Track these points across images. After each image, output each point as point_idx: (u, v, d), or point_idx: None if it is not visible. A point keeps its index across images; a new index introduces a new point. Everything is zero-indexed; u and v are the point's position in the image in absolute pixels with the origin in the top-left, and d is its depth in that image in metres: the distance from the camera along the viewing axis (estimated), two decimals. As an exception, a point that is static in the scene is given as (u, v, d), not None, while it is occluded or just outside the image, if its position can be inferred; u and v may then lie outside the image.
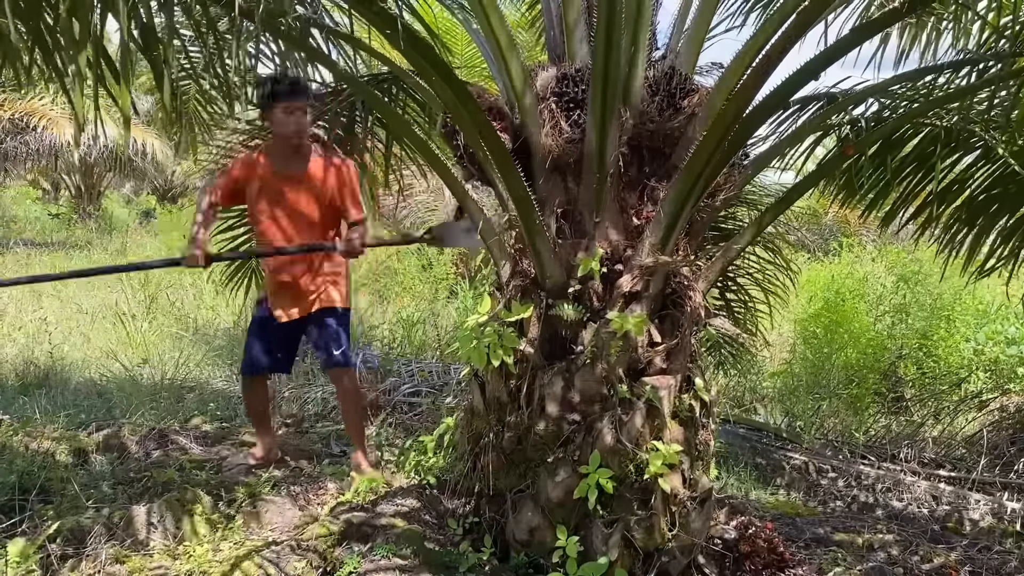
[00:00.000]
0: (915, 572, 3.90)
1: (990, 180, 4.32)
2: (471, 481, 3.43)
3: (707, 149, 2.94)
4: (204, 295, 9.20)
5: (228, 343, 7.73)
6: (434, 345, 8.14)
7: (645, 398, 3.14)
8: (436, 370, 7.04)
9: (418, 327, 8.42)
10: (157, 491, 3.69)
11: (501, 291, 3.47)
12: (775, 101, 3.04)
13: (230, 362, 7.14)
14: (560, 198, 3.33)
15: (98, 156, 17.34)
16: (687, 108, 3.24)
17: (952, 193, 4.43)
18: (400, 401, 6.22)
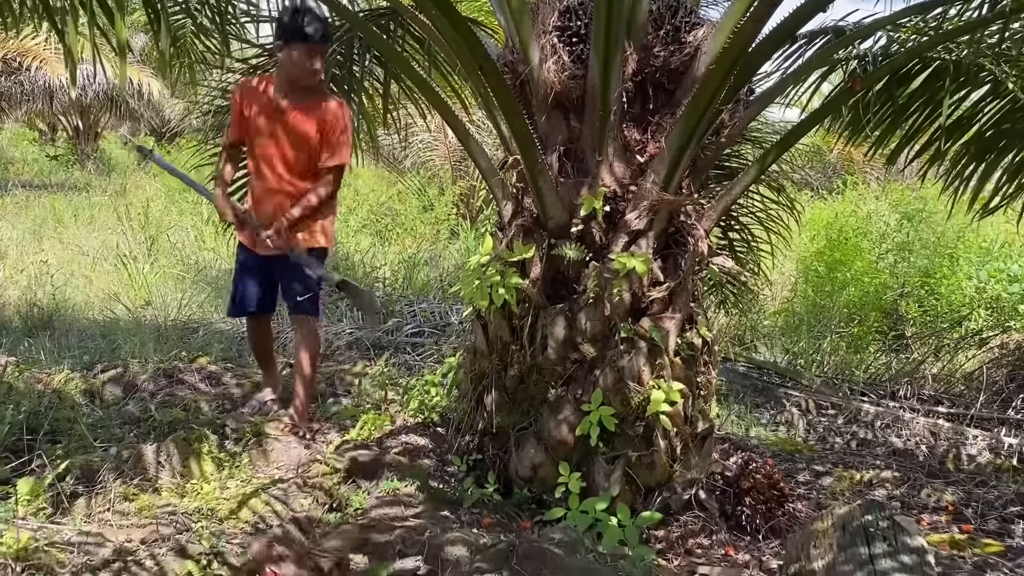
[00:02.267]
0: (913, 507, 3.96)
1: (998, 115, 4.26)
2: (474, 419, 3.46)
3: (712, 85, 2.89)
4: (205, 237, 9.18)
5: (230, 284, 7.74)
6: (436, 286, 8.14)
7: (647, 337, 3.15)
8: (438, 311, 7.06)
9: (420, 268, 8.42)
10: (164, 431, 3.72)
11: (503, 231, 3.45)
12: (782, 34, 2.98)
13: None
14: (562, 136, 3.29)
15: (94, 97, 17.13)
16: (692, 42, 3.17)
17: (959, 129, 4.38)
18: (403, 342, 6.25)
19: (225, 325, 6.58)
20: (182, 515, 2.85)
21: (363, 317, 4.04)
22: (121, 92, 16.48)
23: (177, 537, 2.62)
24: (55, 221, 10.31)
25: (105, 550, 2.52)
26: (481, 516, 3.10)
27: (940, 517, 3.83)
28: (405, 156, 12.73)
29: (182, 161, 13.07)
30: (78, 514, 2.87)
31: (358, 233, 10.40)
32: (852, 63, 3.91)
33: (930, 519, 3.79)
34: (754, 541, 3.26)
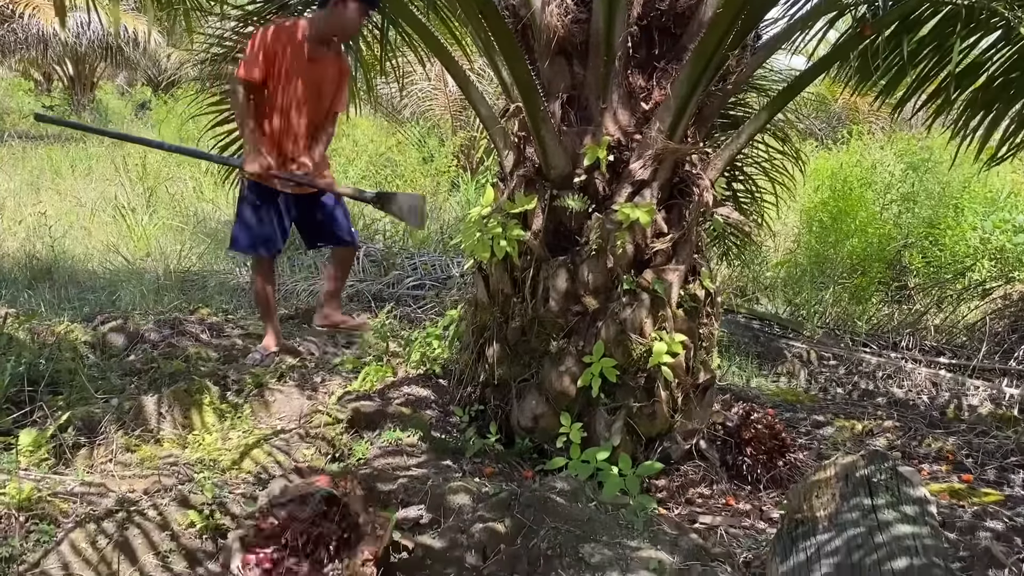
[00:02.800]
0: (914, 457, 3.97)
1: (1009, 63, 4.18)
2: (476, 371, 3.46)
3: (719, 30, 2.81)
4: (203, 188, 9.10)
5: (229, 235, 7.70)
6: (437, 239, 8.10)
7: (650, 289, 3.13)
8: (439, 263, 7.03)
9: (420, 219, 8.37)
10: (165, 382, 3.71)
11: (504, 182, 3.40)
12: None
13: (232, 254, 7.12)
14: (565, 83, 3.22)
15: (89, 46, 16.87)
16: (698, -15, 3.09)
17: (968, 77, 4.30)
18: (404, 294, 6.24)
19: (225, 276, 6.57)
20: (184, 466, 2.86)
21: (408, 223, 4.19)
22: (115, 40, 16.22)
23: (179, 487, 2.62)
24: (52, 172, 10.23)
25: (108, 500, 2.53)
26: (483, 466, 3.10)
27: (940, 467, 3.84)
28: (404, 106, 12.56)
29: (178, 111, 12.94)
30: (80, 465, 2.88)
31: (357, 185, 10.32)
32: (861, 8, 3.81)
33: (930, 469, 3.81)
34: (755, 491, 3.27)
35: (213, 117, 5.27)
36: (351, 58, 5.08)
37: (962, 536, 2.94)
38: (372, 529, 2.20)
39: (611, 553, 2.29)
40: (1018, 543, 3.00)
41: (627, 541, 2.37)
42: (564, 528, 2.39)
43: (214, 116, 5.26)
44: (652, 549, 2.33)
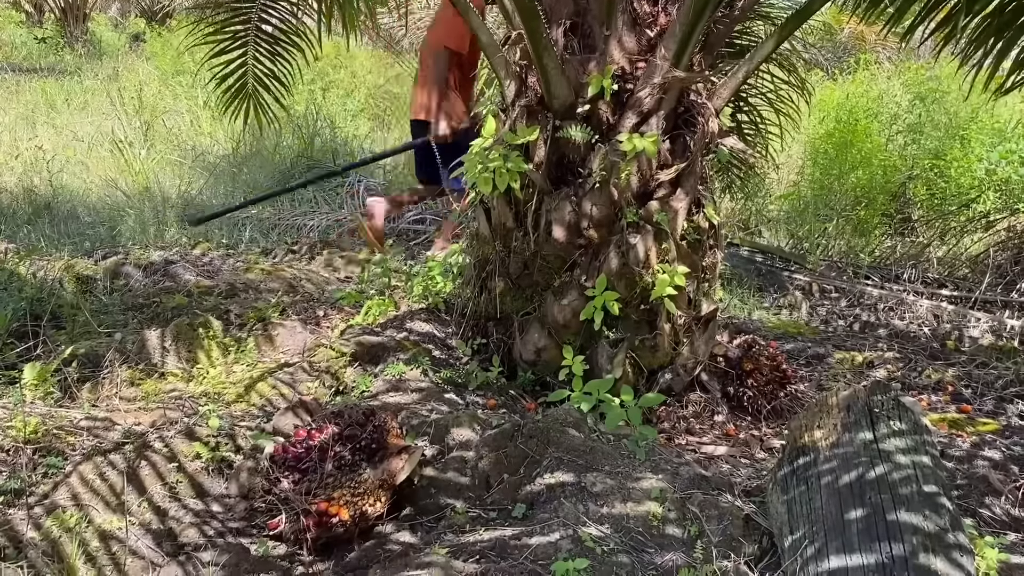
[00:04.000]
0: (913, 387, 4.00)
1: None
2: (478, 305, 3.45)
3: (727, -48, 2.73)
4: (201, 121, 8.99)
5: (228, 168, 7.63)
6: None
7: (654, 221, 3.10)
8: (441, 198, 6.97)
9: (421, 153, 8.28)
10: (167, 316, 3.72)
11: (506, 113, 3.34)
12: None
13: (232, 188, 7.07)
14: (568, 9, 3.14)
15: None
16: (706, -94, 2.98)
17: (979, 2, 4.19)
18: (405, 228, 6.20)
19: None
20: (189, 399, 2.89)
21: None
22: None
23: (185, 420, 2.65)
24: (47, 106, 10.08)
25: (114, 433, 2.56)
26: (486, 398, 3.12)
27: (940, 397, 3.87)
28: (403, 36, 12.31)
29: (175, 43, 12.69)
30: (86, 398, 2.90)
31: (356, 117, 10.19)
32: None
33: (930, 399, 3.84)
34: (756, 422, 3.30)
35: (211, 47, 5.16)
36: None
37: (960, 465, 2.98)
38: (400, 453, 2.24)
39: (613, 482, 2.32)
40: (1015, 471, 3.04)
41: (629, 470, 2.39)
42: (567, 458, 2.42)
43: (212, 46, 5.15)
44: (654, 478, 2.35)
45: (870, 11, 4.37)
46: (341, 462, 2.17)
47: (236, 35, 5.19)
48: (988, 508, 2.69)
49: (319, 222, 6.14)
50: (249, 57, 5.29)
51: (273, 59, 5.30)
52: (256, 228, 6.12)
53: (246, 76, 5.33)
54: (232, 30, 5.16)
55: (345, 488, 2.12)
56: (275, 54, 5.28)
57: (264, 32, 5.25)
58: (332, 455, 2.16)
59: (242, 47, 5.25)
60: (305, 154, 7.86)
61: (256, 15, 5.22)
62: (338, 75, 11.44)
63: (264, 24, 5.22)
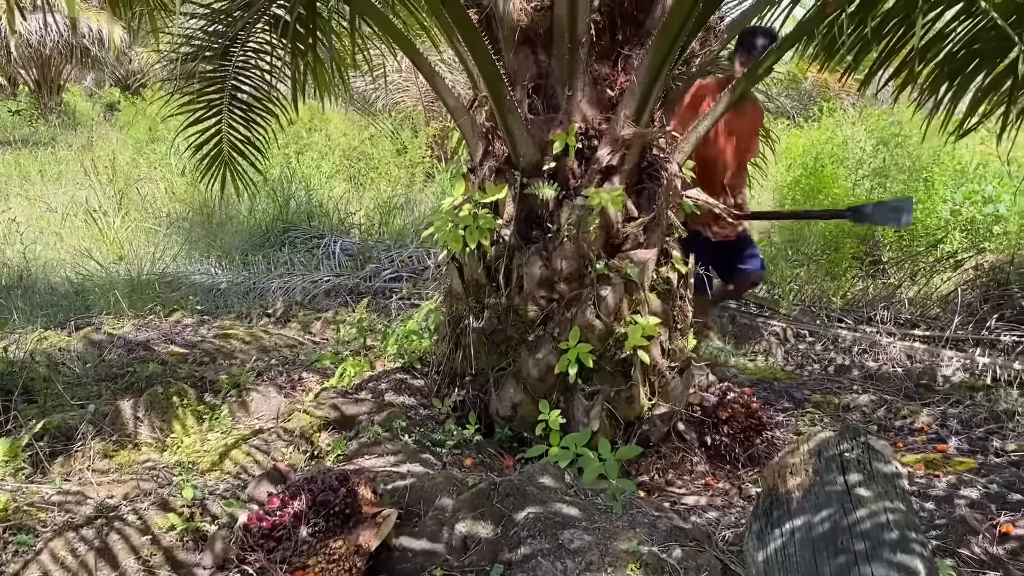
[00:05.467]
0: (890, 429, 4.03)
1: (970, 35, 4.22)
2: (454, 361, 3.46)
3: (680, 15, 2.81)
4: (175, 188, 9.02)
5: (203, 235, 7.65)
6: (412, 230, 8.08)
7: (623, 273, 3.14)
8: (416, 255, 7.01)
9: (395, 213, 8.35)
10: (141, 385, 3.70)
11: (474, 173, 3.40)
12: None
13: (207, 255, 7.08)
14: (531, 71, 3.22)
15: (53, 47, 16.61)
16: (660, -32, 3.09)
17: (932, 49, 4.35)
18: (381, 287, 6.22)
19: (201, 277, 6.52)
20: (163, 469, 2.85)
21: (893, 224, 4.96)
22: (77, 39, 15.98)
23: (159, 491, 2.62)
24: (21, 178, 10.10)
25: (87, 507, 2.52)
26: (463, 457, 3.11)
27: (916, 438, 3.90)
28: (377, 98, 12.50)
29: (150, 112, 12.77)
30: (57, 473, 2.86)
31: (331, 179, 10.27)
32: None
33: (906, 441, 3.86)
34: (733, 469, 3.31)
35: (186, 116, 5.21)
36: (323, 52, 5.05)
37: (938, 506, 3.00)
38: (373, 518, 2.22)
39: (591, 538, 2.31)
40: (992, 509, 3.05)
41: (606, 525, 2.39)
42: (544, 515, 2.41)
43: (187, 115, 5.21)
44: (631, 532, 2.35)
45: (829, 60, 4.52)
46: (315, 529, 2.16)
47: (210, 104, 5.25)
48: (968, 547, 2.70)
49: (295, 284, 6.14)
50: (224, 125, 5.35)
51: (248, 126, 5.36)
52: (232, 292, 6.11)
53: (221, 143, 5.38)
54: (206, 99, 5.23)
55: (320, 555, 2.10)
56: (249, 121, 5.35)
57: (238, 99, 5.32)
58: (306, 522, 2.15)
59: (216, 115, 5.31)
60: (280, 217, 7.90)
61: (230, 83, 5.30)
62: (313, 138, 11.56)
63: (238, 92, 5.29)
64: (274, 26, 5.00)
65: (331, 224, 7.97)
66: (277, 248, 7.25)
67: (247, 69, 5.27)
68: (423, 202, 9.67)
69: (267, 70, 5.18)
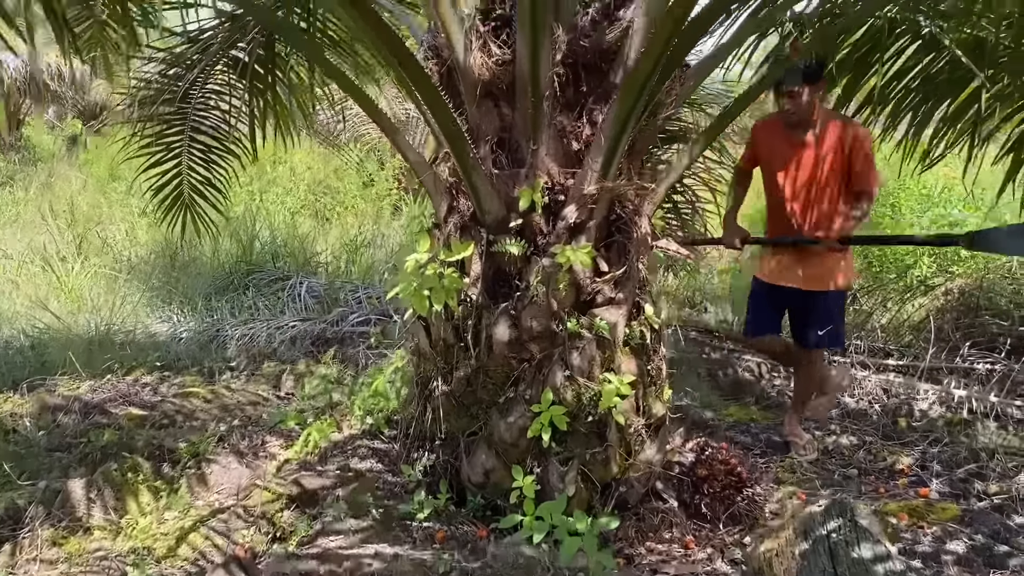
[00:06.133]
0: (871, 473, 3.96)
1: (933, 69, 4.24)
2: (423, 425, 3.33)
3: (645, 69, 2.74)
4: (136, 230, 8.82)
5: (165, 280, 7.45)
6: (381, 268, 7.94)
7: (595, 330, 3.04)
8: (383, 294, 6.87)
9: (362, 251, 8.21)
10: (96, 457, 3.53)
11: (439, 228, 3.29)
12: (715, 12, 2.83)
13: (168, 302, 6.89)
14: (494, 125, 3.13)
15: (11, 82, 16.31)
16: (623, 19, 3.02)
17: (895, 84, 4.36)
18: (348, 332, 6.07)
19: (161, 326, 6.34)
20: (115, 558, 2.69)
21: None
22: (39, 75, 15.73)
23: (110, 586, 2.46)
24: (-25, 222, 9.83)
25: (31, 610, 2.36)
26: (435, 530, 2.98)
27: (897, 481, 3.83)
28: (341, 130, 12.36)
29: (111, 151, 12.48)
30: (2, 565, 2.69)
31: (297, 214, 10.11)
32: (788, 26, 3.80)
33: (888, 485, 3.79)
34: (715, 529, 3.21)
35: (146, 159, 5.09)
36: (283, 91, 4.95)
37: (925, 563, 2.92)
38: None
39: (570, 627, 2.19)
40: (979, 563, 2.98)
41: (586, 611, 2.27)
42: (520, 602, 2.29)
43: (147, 158, 5.08)
44: (612, 618, 2.24)
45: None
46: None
47: (170, 146, 5.15)
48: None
49: (259, 331, 5.97)
50: (184, 167, 5.24)
51: (208, 166, 5.27)
52: (195, 341, 5.93)
53: (182, 185, 5.27)
54: (165, 141, 5.13)
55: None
56: (209, 161, 5.26)
57: (198, 141, 5.21)
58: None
59: (176, 157, 5.20)
60: (244, 258, 7.73)
61: (189, 125, 5.19)
62: (277, 172, 11.41)
63: (197, 133, 5.19)
64: (233, 67, 4.91)
65: (297, 264, 7.80)
66: (241, 291, 7.07)
67: (206, 110, 5.17)
68: (391, 236, 9.54)
69: (226, 110, 5.08)
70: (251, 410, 4.26)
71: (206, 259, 7.89)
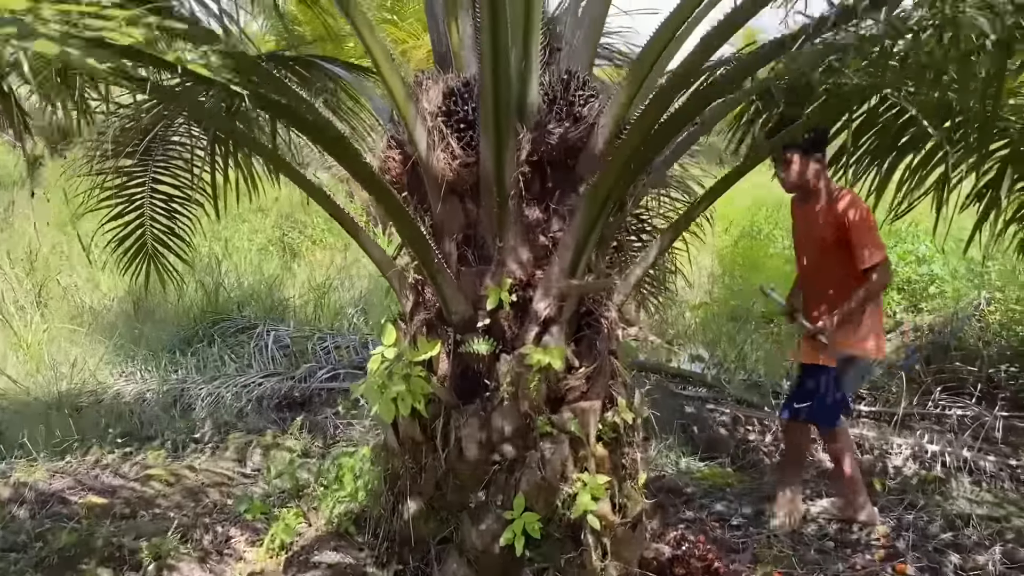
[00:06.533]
0: (847, 545, 3.93)
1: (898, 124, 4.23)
2: (392, 525, 3.24)
3: (613, 173, 2.69)
4: (98, 276, 8.62)
5: (128, 331, 7.29)
6: (352, 312, 7.82)
7: (567, 430, 2.98)
8: (354, 344, 6.76)
9: (331, 293, 8.09)
10: (53, 560, 3.40)
11: (405, 322, 3.21)
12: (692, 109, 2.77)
13: (131, 356, 6.73)
14: (460, 222, 3.05)
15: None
16: (588, 116, 2.95)
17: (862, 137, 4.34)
18: (317, 390, 5.96)
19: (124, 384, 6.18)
20: None
21: None
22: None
23: None
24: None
25: None
26: (407, 646, 2.89)
27: (874, 556, 3.80)
28: (309, 162, 12.21)
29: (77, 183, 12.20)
30: None
31: (263, 251, 9.97)
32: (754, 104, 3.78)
33: (865, 560, 3.77)
34: (694, 627, 3.15)
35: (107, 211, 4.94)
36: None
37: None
38: None
39: None
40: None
41: None
42: None
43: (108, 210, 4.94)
44: None
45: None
46: None
47: (131, 198, 5.03)
48: None
49: (225, 392, 5.83)
50: (146, 218, 5.12)
51: (170, 216, 5.14)
52: (159, 404, 5.78)
53: (144, 236, 5.15)
54: (127, 194, 5.00)
55: None
56: (172, 212, 5.13)
57: (159, 192, 5.10)
58: None
59: (138, 209, 5.08)
60: (210, 307, 7.58)
61: (150, 176, 5.07)
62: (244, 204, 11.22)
63: (159, 183, 5.07)
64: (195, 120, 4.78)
65: (264, 310, 7.66)
66: (207, 343, 6.93)
67: (168, 160, 5.05)
68: (360, 274, 9.43)
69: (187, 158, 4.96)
70: (216, 494, 4.14)
71: (171, 306, 7.73)
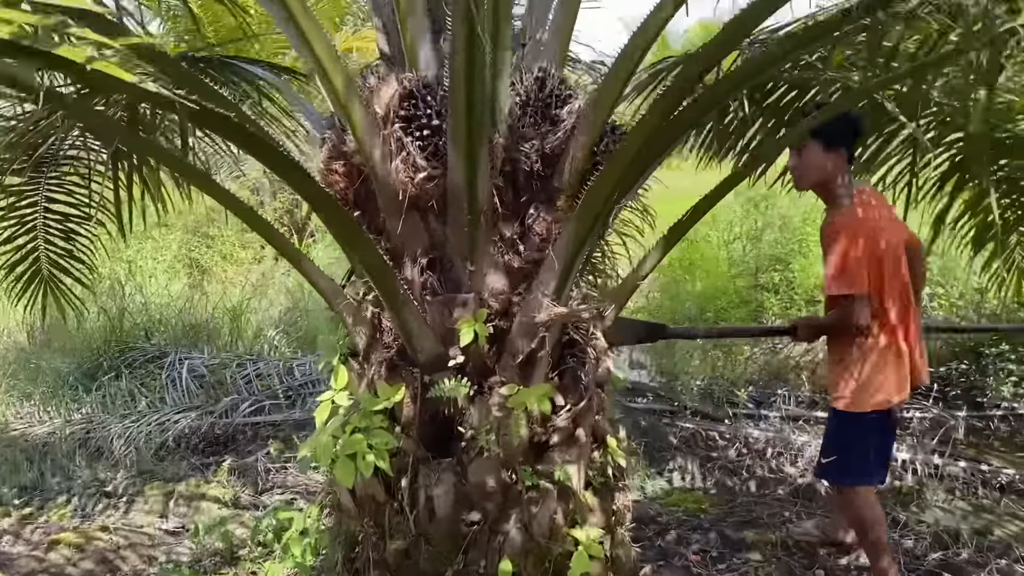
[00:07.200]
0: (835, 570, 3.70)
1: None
2: (351, 599, 2.79)
3: (608, 182, 2.32)
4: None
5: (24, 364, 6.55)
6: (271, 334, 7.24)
7: (554, 480, 2.59)
8: (277, 370, 6.20)
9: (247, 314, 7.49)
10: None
11: (359, 361, 2.76)
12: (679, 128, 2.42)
13: (27, 394, 6.03)
14: (423, 243, 2.62)
15: None
16: (565, 120, 2.57)
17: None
18: (241, 425, 5.40)
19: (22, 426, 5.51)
20: None
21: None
22: None
23: None
24: None
25: None
26: None
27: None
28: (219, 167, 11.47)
29: None
30: None
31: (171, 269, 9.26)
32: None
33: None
34: None
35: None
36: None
37: None
38: None
39: None
40: None
41: None
42: None
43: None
44: None
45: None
46: None
47: (23, 220, 4.42)
48: None
49: (138, 431, 5.21)
50: (40, 241, 4.53)
51: (68, 238, 4.56)
52: (62, 449, 5.13)
53: (39, 260, 4.55)
54: (18, 215, 4.39)
55: None
56: (70, 232, 4.55)
57: (54, 212, 4.51)
58: None
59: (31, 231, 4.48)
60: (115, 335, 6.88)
61: (43, 196, 4.49)
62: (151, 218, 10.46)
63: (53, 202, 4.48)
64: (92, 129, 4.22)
65: (174, 337, 7.01)
66: (114, 376, 6.25)
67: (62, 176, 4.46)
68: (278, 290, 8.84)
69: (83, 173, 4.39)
70: (134, 559, 3.60)
71: (71, 334, 7.00)
